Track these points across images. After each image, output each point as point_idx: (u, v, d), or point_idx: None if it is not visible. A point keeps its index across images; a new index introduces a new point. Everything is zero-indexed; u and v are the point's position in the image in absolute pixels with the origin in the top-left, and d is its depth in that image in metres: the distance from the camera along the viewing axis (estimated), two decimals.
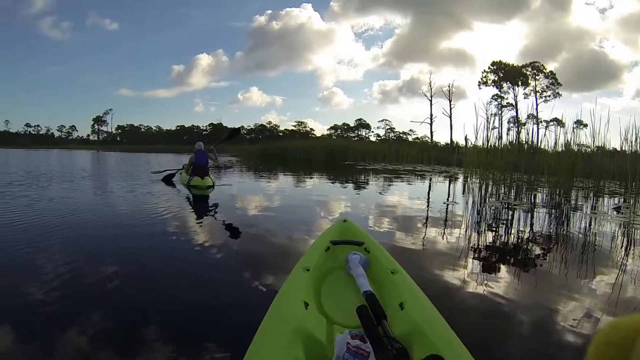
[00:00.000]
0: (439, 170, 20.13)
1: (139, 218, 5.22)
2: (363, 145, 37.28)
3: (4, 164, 18.56)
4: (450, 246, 4.09)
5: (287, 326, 1.40)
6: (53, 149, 67.55)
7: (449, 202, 7.75)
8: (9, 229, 4.21)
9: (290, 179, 13.32)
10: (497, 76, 47.90)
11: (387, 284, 1.89)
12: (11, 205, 5.77)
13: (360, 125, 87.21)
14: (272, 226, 4.95)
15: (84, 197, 7.28)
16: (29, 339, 1.99)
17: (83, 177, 11.26)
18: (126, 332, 2.09)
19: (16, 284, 2.70)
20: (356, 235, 2.46)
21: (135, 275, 3.02)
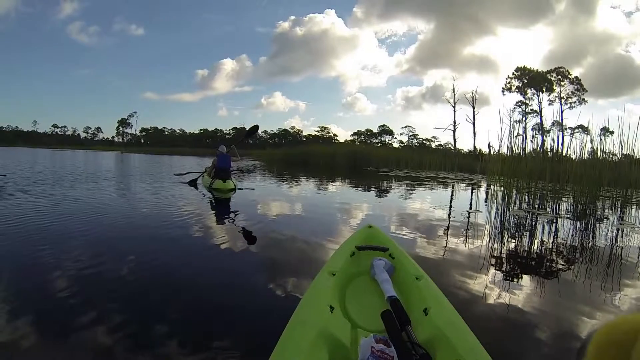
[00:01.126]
0: (461, 178, 19.86)
1: (161, 220, 5.30)
2: (386, 151, 37.14)
3: (31, 163, 19.02)
4: (473, 254, 4.06)
5: (312, 329, 1.41)
6: (79, 149, 68.78)
7: (471, 211, 7.66)
8: (34, 228, 4.33)
9: (312, 184, 13.35)
10: (521, 82, 47.08)
11: (411, 290, 1.89)
12: (37, 204, 5.95)
13: (383, 131, 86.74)
14: (295, 231, 4.97)
15: (107, 198, 7.41)
16: (51, 332, 2.05)
17: (107, 178, 11.49)
18: (146, 332, 2.12)
19: (40, 281, 2.76)
20: (381, 241, 2.46)
21: (157, 276, 3.06)
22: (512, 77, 48.06)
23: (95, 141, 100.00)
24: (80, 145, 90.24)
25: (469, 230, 5.56)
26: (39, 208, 5.56)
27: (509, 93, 47.86)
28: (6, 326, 2.06)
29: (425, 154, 34.58)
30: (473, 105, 46.96)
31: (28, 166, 15.72)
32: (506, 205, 8.70)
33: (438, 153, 39.46)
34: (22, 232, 4.13)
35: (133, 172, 15.48)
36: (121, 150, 69.11)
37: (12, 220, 4.65)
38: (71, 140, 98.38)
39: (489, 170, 12.92)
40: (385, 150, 41.33)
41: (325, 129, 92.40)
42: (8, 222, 4.56)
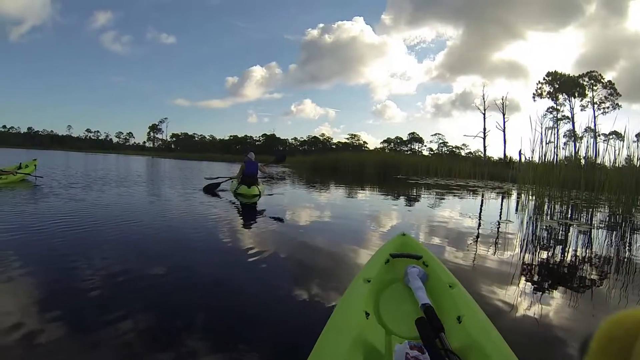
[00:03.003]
0: (491, 186, 19.45)
1: (190, 225, 5.37)
2: (415, 159, 36.62)
3: (64, 166, 19.60)
4: (504, 265, 3.98)
5: (348, 335, 1.43)
6: (111, 153, 70.92)
7: (502, 220, 7.49)
8: (66, 230, 4.46)
9: (342, 191, 13.35)
10: (553, 87, 45.92)
11: (445, 298, 1.89)
12: (69, 207, 6.13)
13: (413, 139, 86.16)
14: (324, 237, 5.01)
15: (137, 202, 7.52)
16: (78, 331, 2.10)
17: (138, 183, 11.67)
18: (173, 335, 2.14)
19: (69, 282, 2.84)
20: (414, 249, 2.48)
21: (185, 281, 3.09)
22: (543, 82, 47.04)
23: (127, 146, 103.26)
24: (112, 149, 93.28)
25: (500, 240, 5.45)
26: (72, 211, 5.73)
27: (540, 99, 46.90)
28: (37, 324, 2.12)
29: (455, 161, 33.99)
30: (503, 112, 46.02)
31: (61, 169, 16.26)
32: (538, 215, 8.47)
33: (468, 161, 38.55)
34: (54, 234, 4.24)
35: (163, 177, 15.76)
36: (152, 155, 70.87)
37: (46, 222, 4.83)
38: (104, 144, 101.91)
39: (520, 178, 12.61)
40: (414, 158, 40.71)
41: (355, 136, 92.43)
42: (43, 223, 4.72)
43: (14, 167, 10.74)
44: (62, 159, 30.09)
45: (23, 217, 5.17)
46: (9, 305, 2.37)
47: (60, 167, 18.21)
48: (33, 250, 3.64)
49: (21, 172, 10.54)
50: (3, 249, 3.53)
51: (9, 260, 3.19)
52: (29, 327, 2.07)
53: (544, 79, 47.09)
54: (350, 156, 35.34)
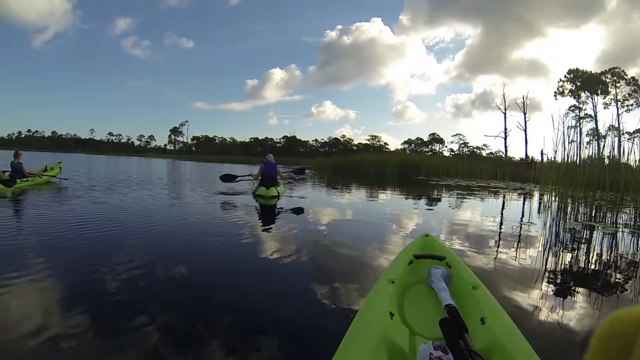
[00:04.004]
0: (513, 187, 19.11)
1: (210, 227, 5.42)
2: (436, 160, 36.18)
3: (87, 168, 19.94)
4: (527, 267, 3.92)
5: (373, 335, 1.43)
6: (132, 156, 71.33)
7: (524, 223, 7.35)
8: (89, 233, 4.51)
9: (363, 192, 13.31)
10: (574, 85, 44.58)
11: (468, 299, 1.88)
12: (92, 210, 6.26)
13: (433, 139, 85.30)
14: (346, 238, 4.99)
15: (159, 205, 7.57)
16: (102, 330, 2.14)
17: (159, 185, 11.82)
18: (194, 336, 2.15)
19: (91, 283, 2.89)
20: (438, 250, 2.46)
21: (206, 282, 3.10)
22: (565, 80, 45.67)
23: (148, 149, 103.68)
24: (133, 152, 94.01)
25: (522, 242, 5.37)
26: (95, 214, 5.89)
27: (562, 97, 45.48)
28: (62, 324, 2.16)
29: (475, 162, 33.50)
30: (524, 111, 44.66)
31: (84, 172, 16.59)
32: (561, 216, 8.26)
33: (489, 161, 37.98)
34: (78, 236, 4.35)
35: (184, 180, 15.89)
36: (173, 157, 71.39)
37: (71, 224, 4.93)
38: (125, 147, 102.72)
39: (542, 179, 12.36)
40: (435, 159, 40.16)
41: (375, 137, 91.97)
42: (67, 226, 4.85)
43: (40, 170, 11.06)
44: (85, 162, 30.70)
45: (48, 219, 5.33)
46: (35, 306, 2.42)
47: (83, 169, 18.58)
48: (58, 252, 3.71)
49: (47, 174, 10.89)
50: (30, 251, 3.65)
51: (36, 262, 3.27)
52: (54, 327, 2.12)
53: (566, 77, 45.78)
54: (371, 157, 35.12)
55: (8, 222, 5.18)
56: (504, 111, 46.27)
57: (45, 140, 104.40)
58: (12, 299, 2.53)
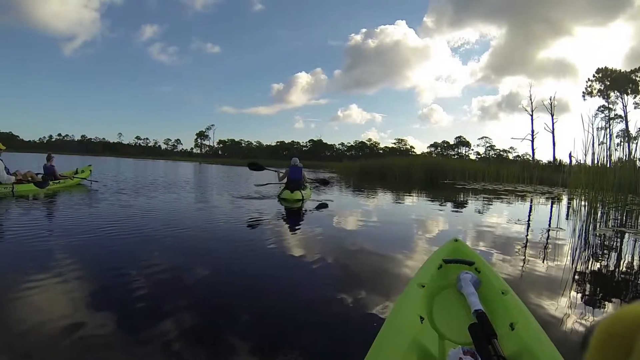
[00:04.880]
0: (541, 191, 18.58)
1: (236, 230, 5.49)
2: (462, 163, 35.45)
3: (115, 171, 20.34)
4: (555, 274, 3.84)
5: (404, 338, 1.44)
6: (159, 159, 72.19)
7: (552, 228, 7.14)
8: (117, 236, 4.64)
9: (390, 196, 13.24)
10: (603, 85, 42.95)
11: (497, 304, 1.86)
12: (120, 212, 6.44)
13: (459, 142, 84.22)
14: (373, 242, 5.01)
15: (186, 208, 7.62)
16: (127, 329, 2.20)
17: (186, 189, 11.88)
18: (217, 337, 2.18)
19: (118, 283, 2.96)
20: (467, 255, 2.43)
21: (231, 285, 3.13)
22: (593, 79, 44.12)
23: (175, 152, 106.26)
24: (160, 156, 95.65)
25: (550, 248, 5.24)
26: (122, 216, 6.03)
27: (590, 97, 43.95)
28: (90, 322, 2.23)
29: (502, 165, 32.63)
30: (552, 113, 42.94)
31: (113, 175, 16.93)
32: (590, 222, 7.99)
33: (516, 165, 36.80)
34: (106, 238, 4.48)
35: (210, 183, 16.08)
36: (199, 161, 72.12)
37: (99, 227, 5.06)
38: (152, 151, 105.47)
39: (571, 182, 11.99)
40: (461, 162, 39.40)
41: (402, 141, 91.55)
42: (96, 228, 4.98)
43: (71, 172, 11.46)
44: (113, 165, 31.44)
45: (78, 221, 5.52)
46: (64, 305, 2.50)
47: (112, 172, 19.01)
48: (87, 254, 3.79)
49: (78, 176, 11.31)
50: (61, 252, 3.77)
51: (65, 263, 3.36)
52: (82, 326, 2.17)
53: (594, 76, 44.25)
54: (397, 161, 34.75)
55: (41, 223, 5.41)
56: (530, 113, 44.57)
57: (74, 143, 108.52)
58: (43, 298, 2.61)
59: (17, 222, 5.43)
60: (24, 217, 5.80)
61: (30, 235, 4.46)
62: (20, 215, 6.08)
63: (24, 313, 2.35)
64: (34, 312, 2.38)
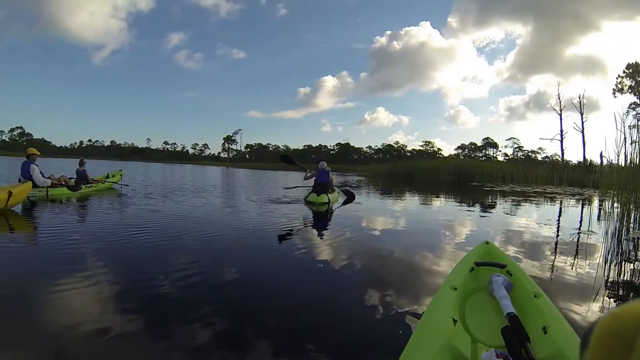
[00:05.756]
0: (571, 193, 17.99)
1: (264, 234, 5.42)
2: (490, 165, 34.49)
3: (143, 176, 20.45)
4: (586, 278, 3.73)
5: (437, 341, 1.44)
6: (187, 164, 72.44)
7: (583, 231, 6.91)
8: (146, 239, 4.66)
9: (417, 199, 13.12)
10: (634, 81, 40.90)
11: (530, 308, 1.83)
12: (149, 217, 6.45)
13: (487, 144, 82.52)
14: (402, 245, 4.97)
15: (214, 213, 7.56)
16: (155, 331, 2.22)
17: (214, 193, 11.76)
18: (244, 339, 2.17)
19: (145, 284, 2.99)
20: (498, 258, 2.39)
21: (257, 288, 3.11)
22: (623, 75, 42.02)
23: (203, 157, 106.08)
24: (188, 160, 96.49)
25: (581, 251, 5.08)
26: (151, 221, 6.06)
27: (621, 94, 41.80)
28: (119, 323, 2.26)
29: (531, 167, 31.62)
30: (581, 112, 40.93)
31: (141, 179, 17.09)
32: (624, 224, 7.67)
33: (545, 166, 35.60)
34: (136, 242, 4.52)
35: (238, 187, 15.95)
36: (227, 165, 72.27)
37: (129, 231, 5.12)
38: (180, 155, 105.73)
39: (602, 183, 11.57)
40: (489, 164, 38.16)
41: (429, 143, 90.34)
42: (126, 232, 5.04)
43: (102, 177, 11.77)
44: (142, 170, 31.57)
45: (108, 224, 5.60)
46: (94, 307, 2.53)
47: (140, 177, 19.14)
48: (116, 256, 3.84)
49: (109, 181, 11.57)
50: (91, 255, 3.82)
51: (96, 267, 3.41)
52: (111, 326, 2.20)
53: (624, 72, 42.15)
54: (424, 164, 34.44)
55: (73, 226, 5.50)
56: (559, 112, 42.80)
57: (104, 149, 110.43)
58: (74, 300, 2.66)
59: (51, 224, 5.59)
60: (58, 220, 5.95)
61: (62, 237, 4.59)
62: (54, 218, 6.24)
63: (55, 314, 2.39)
64: (65, 313, 2.43)
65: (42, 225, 5.69)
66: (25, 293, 2.74)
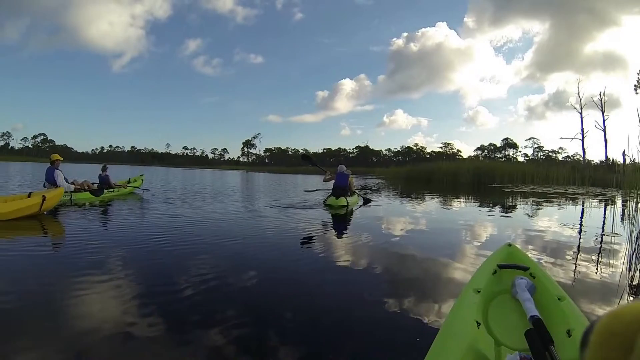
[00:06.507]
0: (593, 193, 17.50)
1: (284, 237, 5.47)
2: (510, 166, 33.69)
3: (164, 181, 20.49)
4: (610, 282, 3.65)
5: (461, 343, 1.43)
6: (206, 168, 71.96)
7: (606, 233, 6.73)
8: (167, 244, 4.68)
9: (437, 201, 12.99)
10: None
11: (553, 311, 1.78)
12: (170, 221, 6.50)
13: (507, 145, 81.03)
14: (423, 248, 4.96)
15: (233, 217, 7.55)
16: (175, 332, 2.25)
17: (234, 198, 11.69)
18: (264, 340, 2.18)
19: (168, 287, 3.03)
20: (521, 260, 2.33)
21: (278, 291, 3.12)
22: None
23: (222, 161, 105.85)
24: (207, 165, 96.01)
25: (605, 254, 4.95)
26: (172, 225, 6.11)
27: None
28: (140, 324, 2.31)
29: (551, 167, 30.74)
30: (602, 109, 39.00)
31: (161, 184, 17.18)
32: None
33: (566, 166, 34.56)
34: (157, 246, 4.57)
35: (257, 192, 15.75)
36: (246, 169, 71.78)
37: (150, 235, 5.18)
38: (200, 160, 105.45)
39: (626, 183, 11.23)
40: (509, 165, 37.43)
41: (448, 144, 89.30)
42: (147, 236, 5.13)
43: (124, 181, 11.93)
44: (162, 174, 31.65)
45: (130, 229, 5.72)
46: (116, 310, 2.57)
47: (160, 182, 19.20)
48: (138, 260, 3.90)
49: (131, 185, 11.76)
50: (113, 258, 3.90)
51: (118, 271, 3.47)
52: (133, 329, 2.23)
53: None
54: (443, 165, 33.87)
55: (96, 230, 5.68)
56: (579, 111, 40.92)
57: (125, 154, 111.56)
58: (96, 302, 2.72)
59: (75, 228, 5.78)
60: (81, 224, 6.14)
61: (85, 241, 4.69)
62: (78, 222, 6.44)
63: (78, 316, 2.44)
64: (87, 315, 2.48)
65: (67, 229, 5.87)
66: (50, 295, 2.82)
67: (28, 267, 3.56)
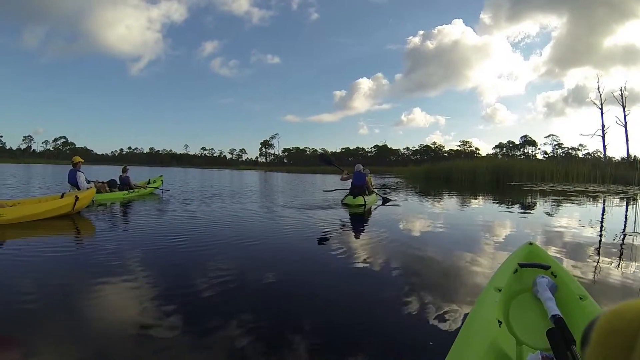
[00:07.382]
0: (614, 191, 16.98)
1: (302, 238, 5.45)
2: (529, 164, 32.77)
3: (182, 181, 20.45)
4: (633, 282, 3.56)
5: (482, 342, 1.42)
6: (225, 169, 71.68)
7: (629, 233, 6.54)
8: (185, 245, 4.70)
9: (456, 200, 12.86)
10: None
11: (575, 310, 1.76)
12: (189, 222, 6.49)
13: (525, 142, 79.41)
14: (442, 247, 4.95)
15: (251, 218, 7.47)
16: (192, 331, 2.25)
17: (251, 199, 11.56)
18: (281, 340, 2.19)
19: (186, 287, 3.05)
20: (542, 259, 2.30)
21: (295, 290, 3.12)
22: None
23: (240, 162, 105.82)
24: (226, 165, 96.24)
25: (627, 254, 4.82)
26: (191, 226, 6.11)
27: None
28: (158, 323, 2.33)
29: (571, 164, 29.78)
30: (623, 105, 37.08)
31: (180, 184, 17.16)
32: None
33: (586, 163, 33.41)
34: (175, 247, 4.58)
35: (276, 192, 15.55)
36: (264, 169, 71.31)
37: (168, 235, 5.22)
38: (218, 161, 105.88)
39: None
40: (528, 163, 36.20)
41: (466, 143, 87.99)
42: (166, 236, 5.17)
43: (144, 182, 12.08)
44: (180, 175, 31.64)
45: (149, 229, 5.76)
46: (135, 310, 2.59)
47: (179, 182, 19.19)
48: (157, 260, 3.94)
49: (151, 186, 11.84)
50: (132, 258, 3.94)
51: (138, 270, 3.50)
52: (152, 329, 2.25)
53: None
54: (462, 164, 33.42)
55: (118, 230, 5.77)
56: (600, 106, 39.08)
57: (143, 155, 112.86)
58: (115, 301, 2.78)
59: (98, 229, 5.94)
60: (103, 225, 6.27)
61: (107, 241, 4.81)
62: (99, 222, 6.54)
63: (99, 316, 2.48)
64: (108, 315, 2.52)
65: (92, 229, 5.99)
66: (71, 295, 2.89)
67: (52, 267, 3.64)
